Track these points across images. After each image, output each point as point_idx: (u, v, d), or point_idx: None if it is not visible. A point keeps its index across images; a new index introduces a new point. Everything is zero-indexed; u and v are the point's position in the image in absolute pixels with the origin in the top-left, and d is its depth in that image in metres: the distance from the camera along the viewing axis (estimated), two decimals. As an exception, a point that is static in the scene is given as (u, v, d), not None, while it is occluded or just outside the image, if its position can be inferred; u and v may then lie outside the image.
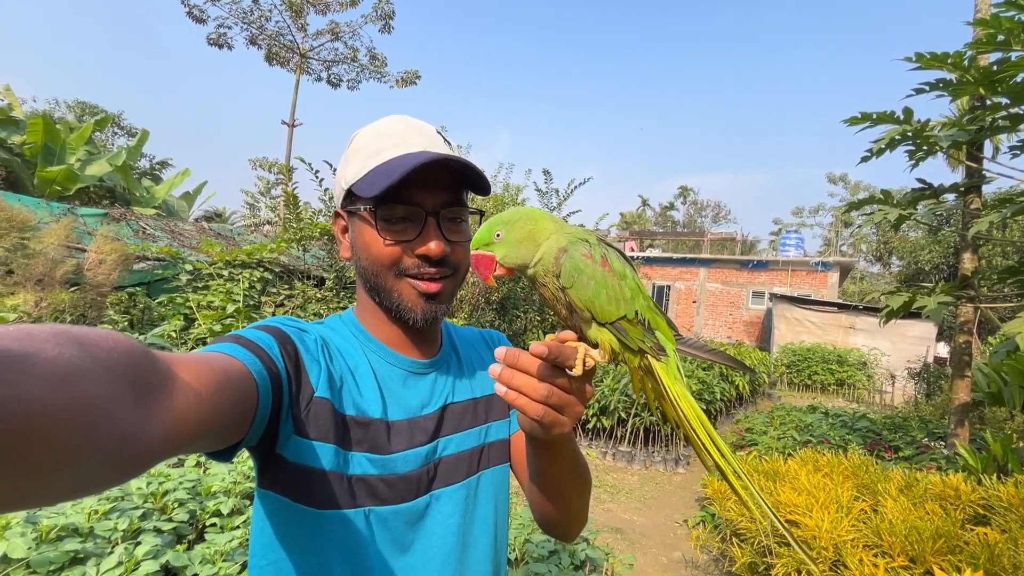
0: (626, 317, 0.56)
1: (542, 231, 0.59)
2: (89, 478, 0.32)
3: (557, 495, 0.70)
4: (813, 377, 13.40)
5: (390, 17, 17.08)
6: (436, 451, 0.72)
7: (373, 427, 0.67)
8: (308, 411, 0.62)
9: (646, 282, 21.15)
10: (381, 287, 0.71)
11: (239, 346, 0.57)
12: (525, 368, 0.50)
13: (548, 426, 0.52)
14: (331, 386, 0.65)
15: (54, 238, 4.56)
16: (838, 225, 29.53)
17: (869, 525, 2.24)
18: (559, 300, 0.56)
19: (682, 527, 4.26)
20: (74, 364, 0.30)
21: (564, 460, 0.65)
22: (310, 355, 0.65)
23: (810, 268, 18.81)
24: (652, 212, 45.40)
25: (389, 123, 0.74)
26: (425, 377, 0.76)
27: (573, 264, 0.55)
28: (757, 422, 5.74)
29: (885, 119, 3.89)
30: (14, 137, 13.43)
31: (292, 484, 0.62)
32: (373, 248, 0.70)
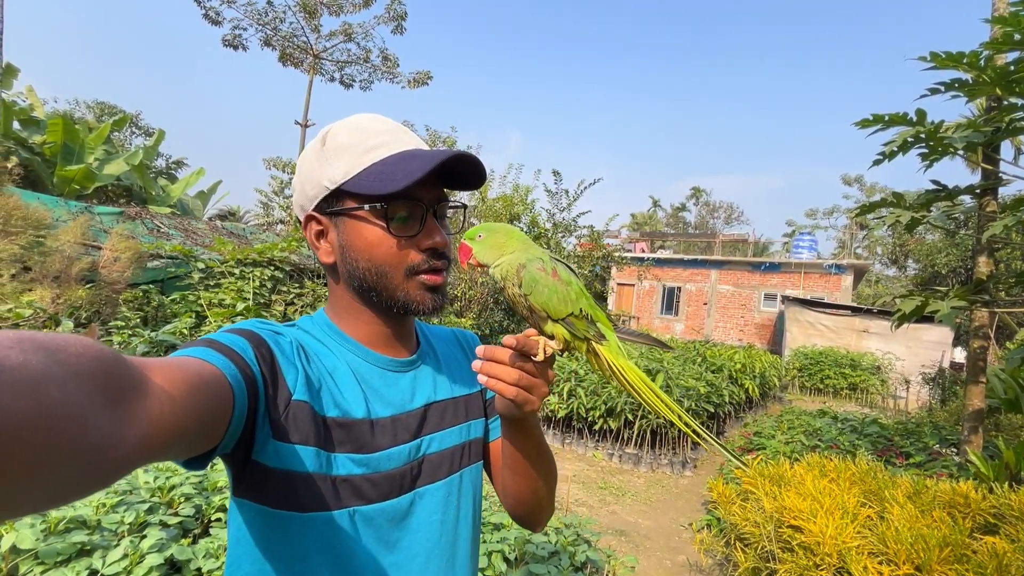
0: (573, 314, 0.69)
1: (508, 246, 0.73)
2: (63, 487, 0.31)
3: (527, 476, 0.77)
4: (825, 381, 13.22)
5: (402, 18, 17.17)
6: (420, 449, 0.73)
7: (356, 427, 0.67)
8: (287, 414, 0.61)
9: (656, 283, 21.04)
10: (385, 286, 0.70)
11: (212, 350, 0.56)
12: (499, 359, 0.63)
13: (520, 404, 0.63)
14: (309, 388, 0.64)
15: (71, 236, 4.66)
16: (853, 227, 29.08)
17: (875, 532, 2.21)
18: (521, 303, 0.70)
19: (687, 531, 4.24)
20: (40, 371, 0.29)
21: (533, 440, 0.74)
22: (286, 358, 0.64)
23: (823, 271, 18.55)
24: (663, 213, 45.10)
25: (366, 121, 0.72)
26: (405, 375, 0.76)
27: (531, 276, 0.68)
28: (766, 426, 5.68)
29: (898, 121, 3.83)
30: (35, 137, 13.74)
31: (272, 490, 0.61)
32: (381, 247, 0.69)
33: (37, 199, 7.15)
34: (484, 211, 11.18)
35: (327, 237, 0.72)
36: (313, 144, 0.72)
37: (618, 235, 25.04)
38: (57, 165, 13.02)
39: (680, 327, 20.83)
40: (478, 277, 9.58)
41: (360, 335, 0.74)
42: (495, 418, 0.87)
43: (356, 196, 0.69)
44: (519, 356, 0.62)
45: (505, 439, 0.75)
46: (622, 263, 14.23)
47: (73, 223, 4.99)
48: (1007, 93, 3.58)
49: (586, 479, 5.29)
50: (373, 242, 0.69)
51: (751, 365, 9.03)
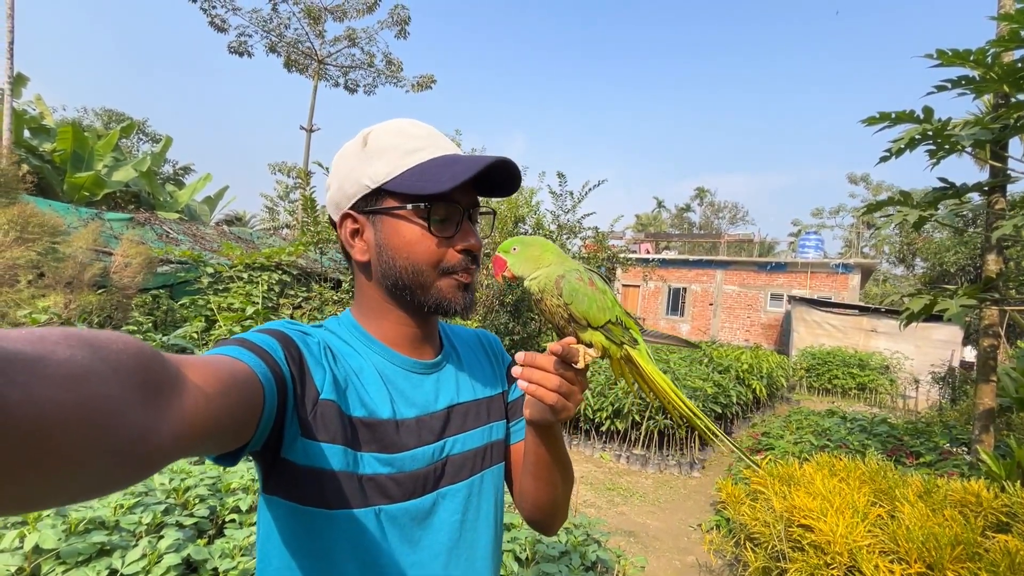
0: (611, 321, 0.72)
1: (544, 259, 0.76)
2: (101, 478, 0.32)
3: (549, 482, 0.78)
4: (833, 381, 13.14)
5: (406, 23, 17.27)
6: (443, 450, 0.74)
7: (382, 427, 0.68)
8: (315, 413, 0.62)
9: (662, 284, 20.99)
10: (420, 284, 0.72)
11: (244, 349, 0.57)
12: (541, 365, 0.64)
13: (559, 410, 0.65)
14: (337, 388, 0.65)
15: (82, 242, 4.72)
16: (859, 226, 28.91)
17: (886, 531, 2.21)
18: (559, 314, 0.72)
19: (696, 531, 4.23)
20: (85, 366, 0.31)
21: (557, 447, 0.76)
22: (314, 358, 0.66)
23: (830, 270, 18.45)
24: (668, 214, 45.00)
25: (406, 124, 0.74)
26: (429, 377, 0.78)
27: (571, 287, 0.71)
28: (774, 426, 5.66)
29: (904, 118, 3.82)
30: (45, 145, 13.92)
31: (300, 487, 0.63)
32: (419, 246, 0.70)
33: (49, 206, 7.25)
34: (489, 214, 11.17)
35: (363, 236, 0.74)
36: (353, 144, 0.74)
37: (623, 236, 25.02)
38: (67, 172, 13.18)
39: (686, 328, 20.77)
40: (484, 279, 9.61)
41: (386, 336, 0.76)
42: (517, 421, 0.89)
43: (398, 195, 0.70)
44: (561, 363, 0.64)
45: (530, 445, 0.76)
46: (627, 264, 14.20)
47: (85, 229, 5.06)
48: (1014, 90, 3.57)
49: (594, 480, 5.29)
50: (412, 240, 0.71)
51: (758, 365, 9.00)
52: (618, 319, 0.73)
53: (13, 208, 3.46)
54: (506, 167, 0.71)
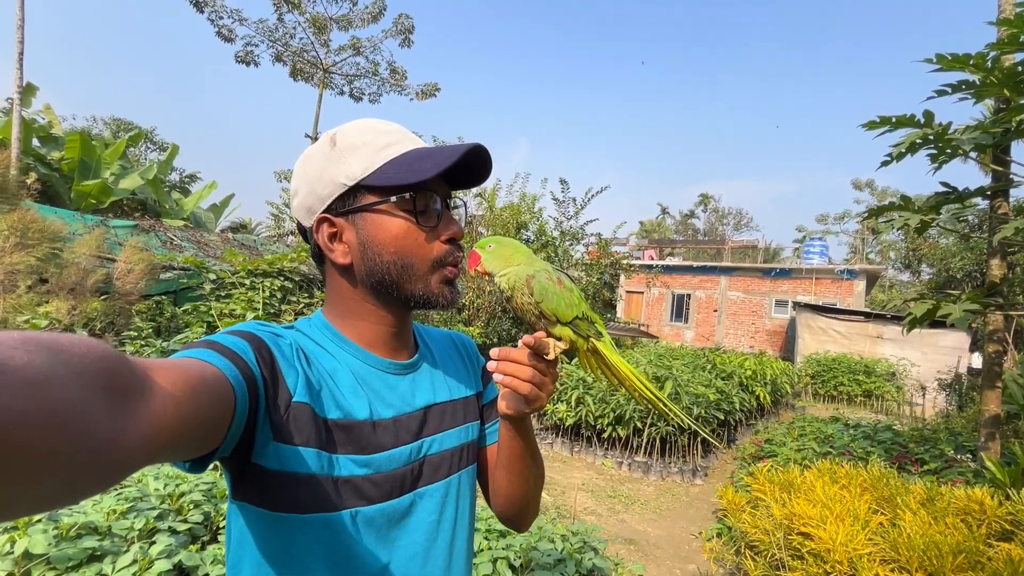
0: (578, 317, 0.76)
1: (514, 259, 0.79)
2: (67, 486, 0.31)
3: (523, 476, 0.81)
4: (839, 388, 13.01)
5: (410, 31, 17.43)
6: (421, 449, 0.74)
7: (358, 428, 0.67)
8: (288, 416, 0.61)
9: (665, 290, 20.92)
10: (408, 278, 0.71)
11: (213, 351, 0.56)
12: (515, 358, 0.68)
13: (532, 400, 0.69)
14: (310, 390, 0.64)
15: (86, 248, 4.76)
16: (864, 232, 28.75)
17: (887, 539, 2.17)
18: (530, 311, 0.76)
19: (697, 539, 4.18)
20: (44, 371, 0.30)
21: (529, 441, 0.79)
22: (286, 360, 0.65)
23: (835, 276, 18.34)
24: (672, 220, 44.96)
25: (373, 123, 0.73)
26: (405, 377, 0.77)
27: (542, 286, 0.75)
28: (777, 433, 5.60)
29: (905, 123, 3.81)
30: (53, 153, 14.09)
31: (272, 492, 0.61)
32: (408, 239, 0.70)
33: (55, 213, 7.32)
34: (492, 220, 11.24)
35: (342, 238, 0.72)
36: (319, 147, 0.72)
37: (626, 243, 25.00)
38: (74, 180, 13.32)
39: (690, 334, 20.67)
40: (486, 286, 9.61)
41: (361, 337, 0.75)
42: (491, 423, 0.89)
43: (378, 190, 0.69)
44: (533, 355, 0.68)
45: (504, 440, 0.79)
46: (631, 271, 14.20)
47: (88, 236, 5.11)
48: (1015, 95, 3.55)
49: (595, 487, 5.25)
50: (399, 234, 0.70)
51: (762, 372, 8.92)
52: (584, 315, 0.77)
53: (13, 214, 3.50)
54: (481, 154, 0.71)
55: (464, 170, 0.74)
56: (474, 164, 0.73)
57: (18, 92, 12.09)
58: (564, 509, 4.41)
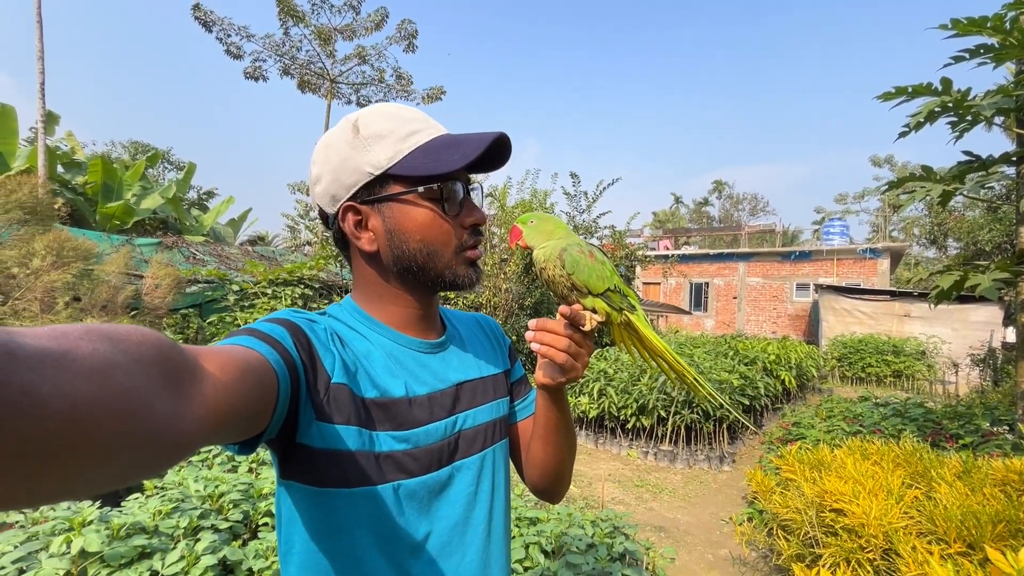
0: (609, 289, 0.77)
1: (554, 233, 0.82)
2: (130, 466, 0.33)
3: (558, 446, 0.83)
4: (867, 369, 12.74)
5: (413, 36, 17.52)
6: (456, 424, 0.76)
7: (395, 406, 0.70)
8: (327, 397, 0.64)
9: (683, 280, 20.71)
10: (435, 265, 0.74)
11: (255, 338, 0.58)
12: (552, 329, 0.71)
13: (568, 369, 0.72)
14: (347, 372, 0.67)
15: (115, 266, 4.93)
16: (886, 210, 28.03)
17: (923, 512, 2.14)
18: (562, 283, 0.77)
19: (728, 525, 4.15)
20: (107, 359, 0.32)
21: (566, 411, 0.82)
22: (322, 344, 0.67)
23: (858, 256, 17.94)
24: (686, 209, 44.43)
25: (394, 109, 0.74)
26: (435, 356, 0.80)
27: (573, 258, 0.76)
28: (805, 416, 5.53)
29: (922, 91, 3.73)
30: (77, 178, 14.55)
31: (318, 469, 0.64)
32: (433, 228, 0.72)
33: (83, 235, 7.57)
34: (503, 218, 11.27)
35: (367, 225, 0.74)
36: (342, 133, 0.72)
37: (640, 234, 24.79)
38: (98, 203, 13.74)
39: (710, 323, 20.43)
40: (501, 284, 9.64)
41: (392, 320, 0.78)
42: (521, 399, 0.92)
43: (404, 179, 0.71)
44: (569, 326, 0.71)
45: (540, 410, 0.81)
46: (646, 262, 14.08)
47: (117, 255, 5.28)
48: (1035, 55, 3.45)
49: (622, 478, 5.24)
50: (425, 223, 0.72)
51: (786, 356, 8.80)
52: (616, 287, 0.78)
53: (49, 234, 3.65)
54: (504, 141, 0.74)
55: (485, 157, 0.76)
56: (495, 149, 0.75)
57: (41, 121, 12.50)
58: (592, 500, 4.42)
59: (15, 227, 3.62)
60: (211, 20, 15.99)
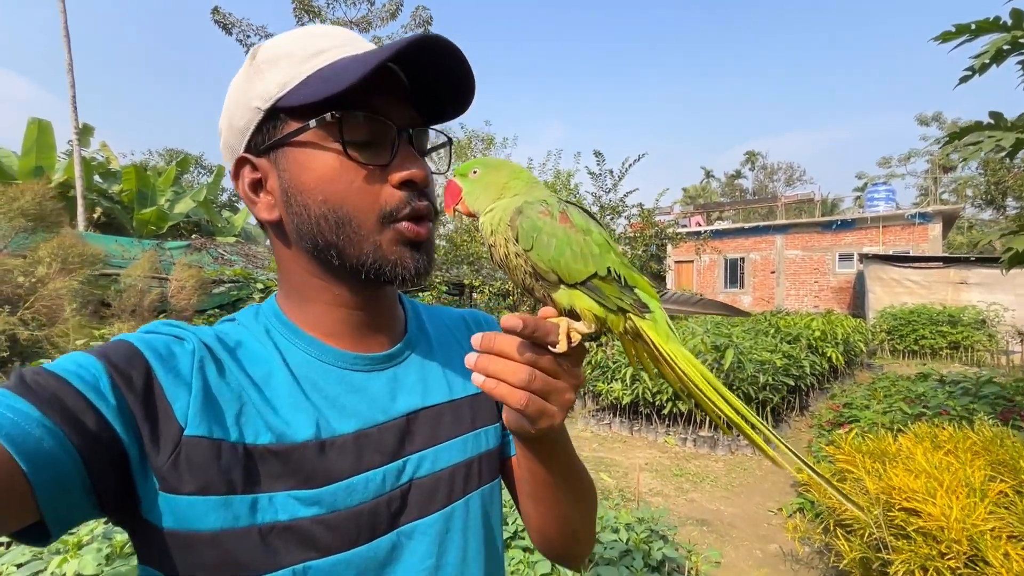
0: (598, 275, 0.49)
1: (510, 187, 0.55)
2: None
3: (552, 506, 0.60)
4: (920, 342, 11.99)
5: (428, 23, 17.23)
6: (403, 472, 0.55)
7: (298, 453, 0.49)
8: (176, 457, 0.45)
9: (717, 256, 19.96)
10: (349, 238, 0.52)
11: (17, 394, 0.40)
12: (503, 351, 0.46)
13: (534, 417, 0.47)
14: (213, 414, 0.48)
15: (140, 271, 4.97)
16: (935, 170, 26.23)
17: (1012, 511, 1.85)
18: (520, 268, 0.50)
19: (776, 516, 3.88)
20: None
21: (557, 461, 0.56)
22: (177, 378, 0.47)
23: (906, 222, 16.88)
24: (718, 183, 42.96)
25: (312, 29, 0.55)
26: (380, 374, 0.59)
27: (530, 223, 0.49)
28: (857, 396, 5.14)
29: (987, 28, 3.28)
30: (113, 187, 15.08)
31: (177, 556, 0.45)
32: (339, 180, 0.51)
33: (115, 241, 7.76)
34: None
35: (267, 186, 0.55)
36: (243, 66, 0.56)
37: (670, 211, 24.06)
38: (134, 210, 14.18)
39: (748, 299, 19.70)
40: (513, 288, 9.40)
41: (317, 325, 0.57)
42: None
43: (298, 112, 0.51)
44: (530, 347, 0.46)
45: (521, 460, 0.59)
46: (677, 240, 13.60)
47: (141, 259, 5.33)
48: None
49: (659, 467, 5.01)
50: (327, 174, 0.51)
51: (831, 332, 8.30)
52: (612, 272, 0.50)
53: (53, 240, 3.66)
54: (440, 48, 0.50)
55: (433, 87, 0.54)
56: (443, 73, 0.53)
57: (76, 134, 12.91)
58: (628, 492, 4.22)
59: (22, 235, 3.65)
60: (230, 23, 16.12)
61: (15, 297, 3.23)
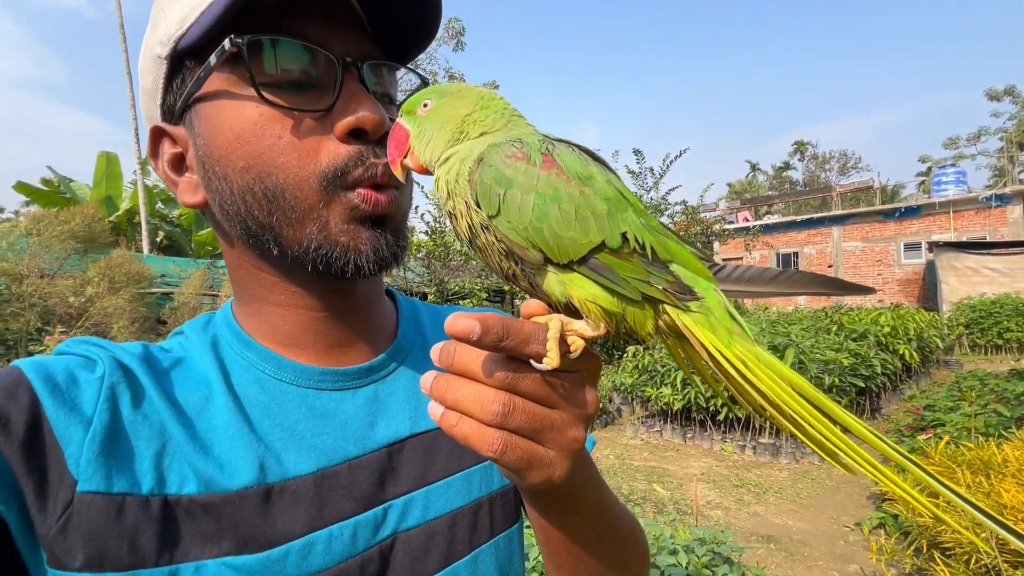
0: (606, 245, 0.32)
1: (475, 122, 0.37)
2: None
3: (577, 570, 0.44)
4: (1005, 335, 10.94)
5: (461, 34, 17.49)
6: (383, 524, 0.42)
7: (232, 506, 0.37)
8: (66, 521, 0.34)
9: (768, 251, 19.02)
10: (285, 217, 0.40)
11: None
12: (465, 370, 0.31)
13: (517, 468, 0.32)
14: (118, 459, 0.36)
15: (192, 288, 5.17)
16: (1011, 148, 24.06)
17: None
18: (493, 245, 0.34)
19: (854, 532, 3.52)
20: None
21: (580, 518, 0.41)
22: (72, 414, 0.36)
23: (980, 205, 15.54)
24: (764, 176, 41.27)
25: None
26: (356, 394, 0.46)
27: (495, 174, 0.32)
28: (939, 396, 4.66)
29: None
30: (173, 212, 16.07)
31: None
32: (262, 136, 0.39)
33: (173, 262, 8.20)
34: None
35: (187, 160, 0.44)
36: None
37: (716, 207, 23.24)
38: (192, 232, 15.02)
39: (803, 297, 18.67)
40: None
41: (272, 334, 0.45)
42: None
43: (202, 53, 0.39)
44: (503, 362, 0.31)
45: (531, 517, 0.44)
46: (724, 236, 13.04)
47: (192, 276, 5.55)
48: None
49: (717, 477, 4.70)
50: (245, 130, 0.39)
51: (903, 327, 7.65)
52: (631, 240, 0.33)
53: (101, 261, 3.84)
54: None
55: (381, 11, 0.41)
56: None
57: (139, 164, 13.80)
58: (683, 504, 3.96)
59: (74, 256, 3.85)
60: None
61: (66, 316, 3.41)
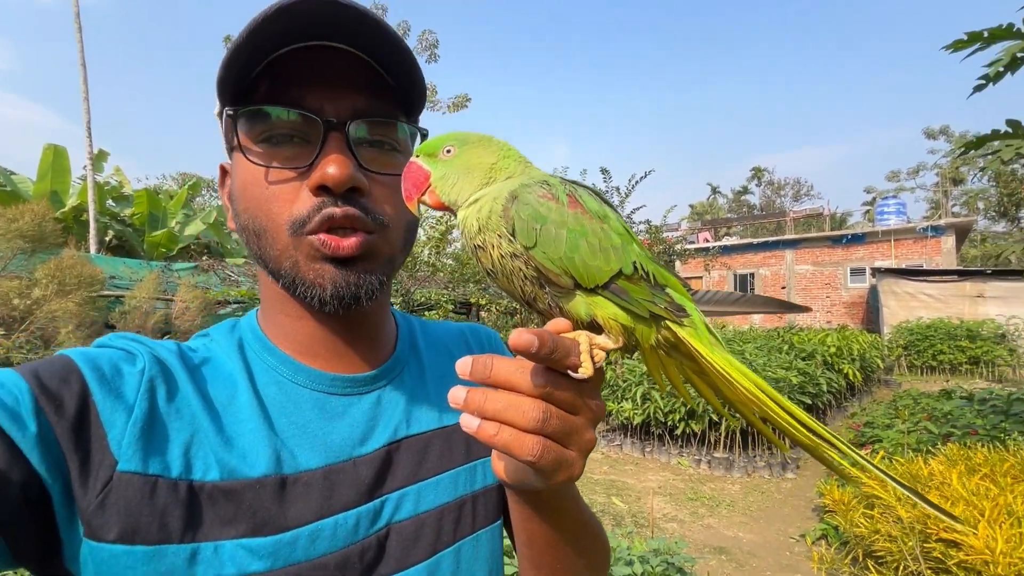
0: (623, 272, 0.39)
1: (501, 169, 0.43)
2: None
3: (554, 570, 0.49)
4: (938, 357, 11.70)
5: (434, 46, 17.57)
6: (380, 515, 0.47)
7: (252, 492, 0.42)
8: (104, 497, 0.37)
9: (726, 272, 19.77)
10: (268, 253, 0.47)
11: None
12: (505, 381, 0.35)
13: (549, 470, 0.35)
14: (155, 445, 0.40)
15: (144, 292, 4.96)
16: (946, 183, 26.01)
17: (1063, 543, 1.70)
18: (519, 272, 0.39)
19: (799, 543, 3.69)
20: None
21: (566, 517, 0.46)
22: (118, 401, 0.40)
23: (918, 235, 16.66)
24: (724, 199, 42.94)
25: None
26: (361, 399, 0.51)
27: (531, 211, 0.38)
28: (877, 414, 4.96)
29: (1001, 35, 3.20)
30: (125, 210, 15.31)
31: None
32: (255, 186, 0.47)
33: (124, 263, 7.80)
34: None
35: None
36: None
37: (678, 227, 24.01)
38: (145, 232, 14.36)
39: (758, 316, 19.44)
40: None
41: (289, 340, 0.51)
42: None
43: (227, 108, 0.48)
44: (545, 373, 0.35)
45: (516, 518, 0.48)
46: (686, 256, 13.48)
47: (145, 280, 5.32)
48: None
49: (673, 490, 4.83)
50: (245, 180, 0.48)
51: (847, 348, 8.10)
52: (639, 267, 0.40)
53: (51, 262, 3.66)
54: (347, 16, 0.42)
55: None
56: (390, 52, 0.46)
57: (89, 159, 13.16)
58: (641, 517, 4.05)
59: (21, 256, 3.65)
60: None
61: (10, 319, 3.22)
